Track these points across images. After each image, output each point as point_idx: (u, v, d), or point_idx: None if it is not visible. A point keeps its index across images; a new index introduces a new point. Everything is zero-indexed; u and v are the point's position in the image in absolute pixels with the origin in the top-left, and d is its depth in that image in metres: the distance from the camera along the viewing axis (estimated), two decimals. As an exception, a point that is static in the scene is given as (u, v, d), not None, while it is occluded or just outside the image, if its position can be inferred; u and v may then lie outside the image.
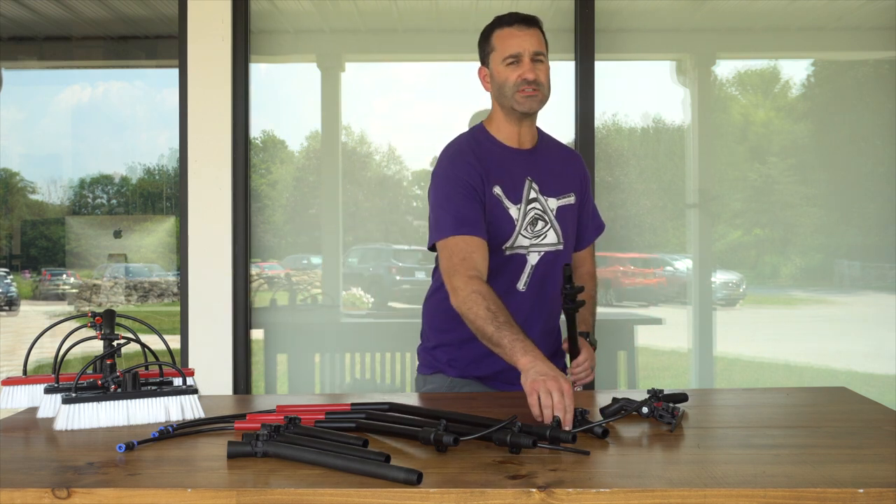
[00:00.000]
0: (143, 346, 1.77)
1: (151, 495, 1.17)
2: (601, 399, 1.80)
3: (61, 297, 4.57)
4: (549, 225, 2.03)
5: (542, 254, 2.02)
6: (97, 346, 1.70)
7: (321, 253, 3.92)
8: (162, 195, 4.42)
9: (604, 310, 3.62)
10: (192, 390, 1.66)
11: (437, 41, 3.95)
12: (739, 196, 3.98)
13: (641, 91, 3.93)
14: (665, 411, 1.56)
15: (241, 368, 3.39)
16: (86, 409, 1.56)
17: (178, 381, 1.74)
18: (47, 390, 1.69)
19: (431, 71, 4.06)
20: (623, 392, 1.77)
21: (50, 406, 1.68)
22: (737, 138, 4.04)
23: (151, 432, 1.46)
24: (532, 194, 2.02)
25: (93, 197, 4.46)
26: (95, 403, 1.57)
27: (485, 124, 2.08)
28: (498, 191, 1.98)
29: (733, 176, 3.97)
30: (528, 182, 2.02)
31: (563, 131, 3.43)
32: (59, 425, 1.54)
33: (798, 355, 3.95)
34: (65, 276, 4.57)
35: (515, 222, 1.99)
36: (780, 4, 3.73)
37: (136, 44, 4.16)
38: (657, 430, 1.53)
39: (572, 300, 1.87)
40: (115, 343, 1.71)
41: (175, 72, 3.40)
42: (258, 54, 3.61)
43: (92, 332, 1.73)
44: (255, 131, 3.64)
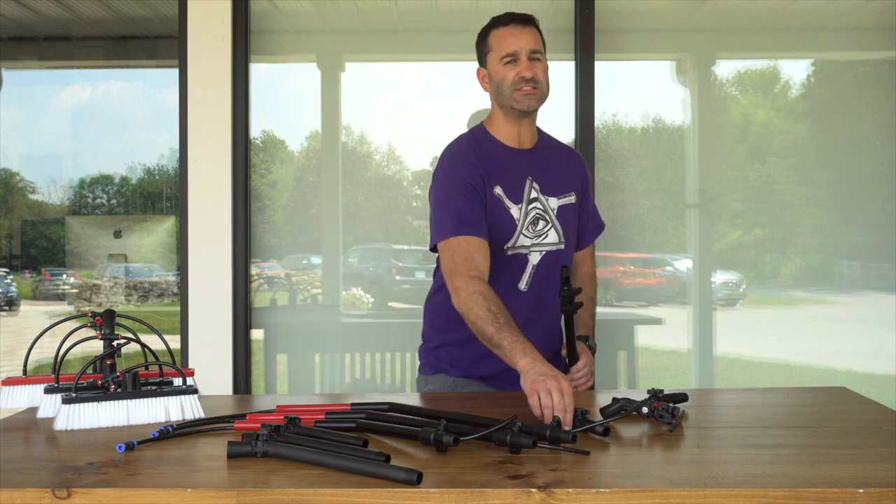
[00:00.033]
0: (143, 346, 1.77)
1: (151, 495, 1.17)
2: (601, 399, 1.80)
3: (61, 297, 4.57)
4: (550, 224, 2.03)
5: (543, 253, 2.02)
6: (97, 346, 1.70)
7: (321, 253, 3.92)
8: (162, 195, 4.41)
9: (604, 310, 3.62)
10: (192, 390, 1.66)
11: (437, 41, 3.95)
12: (739, 196, 3.98)
13: (641, 91, 3.93)
14: (665, 411, 1.56)
15: (241, 368, 3.39)
16: (86, 409, 1.56)
17: (178, 381, 1.74)
18: (47, 390, 1.69)
19: (431, 71, 4.05)
20: (623, 392, 1.76)
21: (50, 406, 1.68)
22: (737, 138, 4.04)
23: (151, 432, 1.46)
24: (533, 194, 2.02)
25: (93, 197, 4.46)
26: (95, 403, 1.57)
27: (485, 125, 2.08)
28: (499, 191, 1.98)
29: (733, 176, 3.97)
30: (528, 182, 2.02)
31: (563, 131, 3.43)
32: (59, 425, 1.54)
33: (798, 355, 3.95)
34: (65, 276, 4.57)
35: (517, 222, 1.99)
36: (780, 4, 3.73)
37: (136, 44, 4.16)
38: (657, 430, 1.53)
39: (570, 301, 1.87)
40: (115, 343, 1.71)
41: (175, 72, 3.40)
42: (258, 54, 3.60)
43: (92, 332, 1.73)
44: (255, 131, 3.63)
